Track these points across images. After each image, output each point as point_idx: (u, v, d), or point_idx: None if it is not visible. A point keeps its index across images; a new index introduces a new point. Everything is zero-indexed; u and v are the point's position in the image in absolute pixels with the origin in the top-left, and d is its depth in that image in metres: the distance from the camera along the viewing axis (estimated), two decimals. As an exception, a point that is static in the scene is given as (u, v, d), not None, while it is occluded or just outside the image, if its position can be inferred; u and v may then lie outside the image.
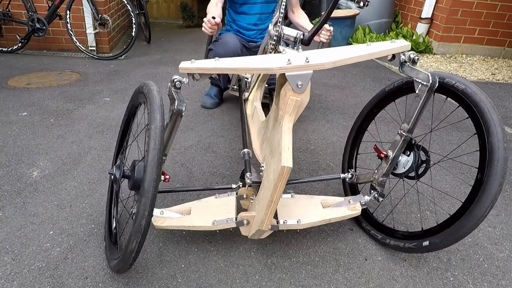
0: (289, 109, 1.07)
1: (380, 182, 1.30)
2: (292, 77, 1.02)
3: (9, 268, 1.20)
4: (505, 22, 4.07)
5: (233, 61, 1.12)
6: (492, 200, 1.02)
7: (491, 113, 1.07)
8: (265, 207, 1.08)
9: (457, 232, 1.08)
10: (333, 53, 1.11)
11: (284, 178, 1.01)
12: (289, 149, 1.02)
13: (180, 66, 1.11)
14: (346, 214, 1.30)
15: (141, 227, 0.94)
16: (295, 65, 1.02)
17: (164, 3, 5.89)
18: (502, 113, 2.69)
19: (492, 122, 1.06)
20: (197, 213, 1.28)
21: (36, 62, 3.35)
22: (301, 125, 2.32)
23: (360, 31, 4.37)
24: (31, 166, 1.75)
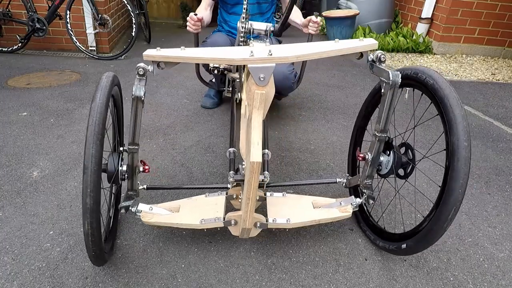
0: (256, 103, 1.07)
1: (366, 185, 1.29)
2: (254, 69, 1.02)
3: (9, 268, 1.20)
4: (505, 22, 4.07)
5: (198, 51, 1.12)
6: (455, 202, 0.98)
7: (453, 110, 1.01)
8: (244, 205, 1.09)
9: (426, 236, 1.06)
10: (299, 47, 1.11)
11: (255, 173, 1.00)
12: (258, 144, 1.02)
13: (145, 53, 1.10)
14: (336, 216, 1.28)
15: (87, 206, 0.93)
16: (258, 57, 1.02)
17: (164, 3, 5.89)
18: (502, 113, 2.69)
19: (453, 119, 1.01)
20: (186, 211, 1.28)
21: (36, 62, 3.35)
22: (301, 125, 2.33)
23: (360, 31, 4.37)
24: (31, 166, 1.75)
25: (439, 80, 1.07)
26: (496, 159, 2.03)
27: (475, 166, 1.94)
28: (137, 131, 1.14)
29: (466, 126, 1.00)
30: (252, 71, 1.03)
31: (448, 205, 0.99)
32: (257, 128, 1.06)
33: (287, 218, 1.24)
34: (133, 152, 1.16)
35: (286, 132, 2.22)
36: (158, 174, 1.76)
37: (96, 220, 0.96)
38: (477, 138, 2.26)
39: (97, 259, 1.05)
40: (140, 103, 1.09)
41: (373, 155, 1.23)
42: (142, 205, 1.27)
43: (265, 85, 1.04)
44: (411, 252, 1.15)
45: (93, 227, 0.95)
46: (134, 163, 1.19)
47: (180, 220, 1.24)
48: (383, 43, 4.27)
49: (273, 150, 2.01)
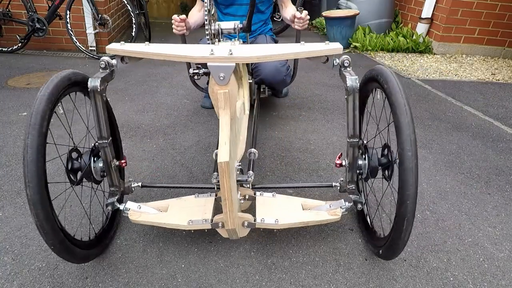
0: (221, 103, 1.07)
1: (350, 190, 1.28)
2: (214, 68, 1.02)
3: (9, 268, 1.20)
4: (505, 22, 4.07)
5: (161, 47, 1.12)
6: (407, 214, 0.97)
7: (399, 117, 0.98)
8: (223, 206, 1.08)
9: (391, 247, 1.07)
10: (262, 48, 1.11)
11: (225, 173, 1.00)
12: (226, 144, 1.02)
13: (108, 47, 1.10)
14: (325, 219, 1.26)
15: (28, 197, 0.91)
16: (218, 56, 1.01)
17: (164, 3, 5.89)
18: (502, 113, 2.69)
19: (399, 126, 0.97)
20: (174, 211, 1.27)
21: (36, 62, 3.35)
22: (301, 125, 2.33)
23: (360, 31, 4.37)
24: (31, 166, 1.75)
25: (392, 84, 1.04)
26: (496, 159, 2.03)
27: (475, 166, 1.94)
28: (102, 125, 1.12)
29: (410, 133, 0.96)
30: (212, 69, 1.02)
31: (400, 217, 0.99)
32: (224, 128, 1.06)
33: (276, 218, 1.23)
34: (104, 147, 1.15)
35: (286, 132, 2.22)
36: (158, 174, 1.76)
37: (43, 211, 0.93)
38: (477, 138, 2.26)
39: (61, 252, 1.00)
40: (98, 95, 1.07)
41: (349, 160, 1.22)
42: (131, 203, 1.27)
43: (226, 84, 1.04)
44: (386, 259, 1.16)
45: (40, 218, 0.93)
46: (108, 158, 1.17)
47: (168, 220, 1.24)
48: (383, 43, 4.27)
49: (273, 150, 2.01)
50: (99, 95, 1.07)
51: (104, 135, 1.14)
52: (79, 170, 1.15)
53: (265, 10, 2.34)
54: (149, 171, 1.78)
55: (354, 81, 1.08)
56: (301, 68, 3.44)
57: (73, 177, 1.14)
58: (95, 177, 1.19)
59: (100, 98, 1.08)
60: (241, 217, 1.21)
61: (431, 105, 2.74)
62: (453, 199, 1.66)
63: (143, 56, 1.10)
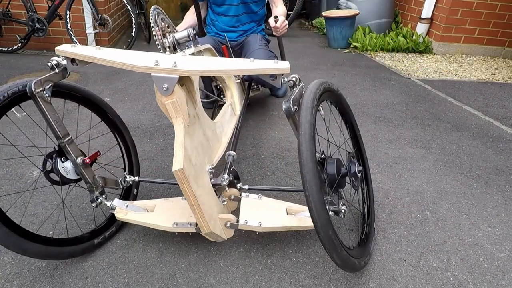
0: (171, 113, 1.06)
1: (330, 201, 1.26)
2: (157, 78, 1.01)
3: (9, 268, 1.20)
4: (505, 22, 4.07)
5: (111, 53, 1.10)
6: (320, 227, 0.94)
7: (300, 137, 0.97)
8: (192, 212, 1.08)
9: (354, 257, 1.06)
10: (209, 62, 1.09)
11: (182, 180, 1.00)
12: (180, 151, 1.01)
13: (58, 48, 1.09)
14: (308, 225, 1.24)
15: None
16: (161, 67, 1.00)
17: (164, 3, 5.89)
18: (502, 113, 2.69)
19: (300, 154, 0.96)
20: (160, 212, 1.27)
21: (36, 62, 3.35)
22: (301, 125, 2.32)
23: (360, 31, 4.37)
24: (31, 166, 1.75)
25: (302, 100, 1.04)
26: (496, 159, 2.03)
27: (475, 166, 1.94)
28: (53, 126, 1.11)
29: (310, 168, 0.92)
30: (155, 80, 1.01)
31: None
32: (178, 135, 1.05)
33: (259, 221, 1.23)
34: (63, 146, 1.14)
35: (286, 132, 2.22)
36: (158, 174, 1.76)
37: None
38: (477, 138, 2.26)
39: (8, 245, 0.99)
40: (36, 98, 1.06)
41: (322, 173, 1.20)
42: (117, 201, 1.27)
43: (171, 94, 1.03)
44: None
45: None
46: (71, 157, 1.16)
47: (153, 221, 1.24)
48: (383, 43, 4.27)
49: (273, 150, 2.01)
50: (37, 97, 1.06)
51: (58, 135, 1.13)
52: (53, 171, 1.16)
53: (258, 11, 2.33)
54: (149, 171, 1.78)
55: (287, 104, 1.05)
56: (301, 68, 3.44)
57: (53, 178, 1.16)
58: (67, 176, 1.19)
59: (40, 100, 1.06)
60: (223, 218, 1.21)
61: (431, 105, 2.74)
62: (453, 199, 1.66)
63: (91, 60, 1.08)
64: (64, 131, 1.14)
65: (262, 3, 2.33)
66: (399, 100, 2.82)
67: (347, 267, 1.01)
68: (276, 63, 1.09)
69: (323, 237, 0.92)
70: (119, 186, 1.36)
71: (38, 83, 1.05)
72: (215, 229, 1.16)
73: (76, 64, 1.12)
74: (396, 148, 2.08)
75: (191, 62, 1.06)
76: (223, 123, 1.67)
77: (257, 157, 1.93)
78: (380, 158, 1.97)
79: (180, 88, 1.06)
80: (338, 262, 0.98)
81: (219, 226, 1.19)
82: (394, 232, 1.44)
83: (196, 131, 1.20)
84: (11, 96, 1.05)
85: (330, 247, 0.94)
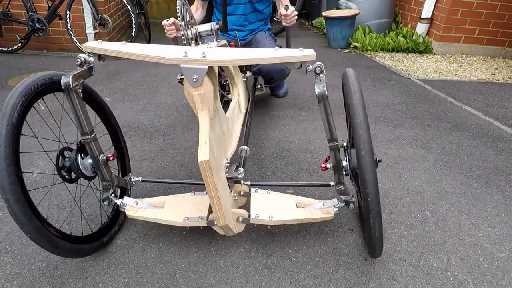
0: (198, 104, 1.08)
1: (339, 190, 1.29)
2: (187, 70, 1.03)
3: (9, 268, 1.20)
4: (505, 22, 4.07)
5: (137, 47, 1.13)
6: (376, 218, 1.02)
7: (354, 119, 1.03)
8: (211, 205, 1.09)
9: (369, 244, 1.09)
10: (235, 52, 1.12)
11: (206, 172, 1.01)
12: (205, 143, 1.03)
13: (85, 45, 1.12)
14: (318, 217, 1.28)
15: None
16: (191, 58, 1.02)
17: (164, 3, 5.89)
18: (502, 113, 2.69)
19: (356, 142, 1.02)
20: (171, 208, 1.29)
21: (36, 62, 3.35)
22: (301, 125, 2.33)
23: (360, 31, 4.37)
24: (31, 166, 1.75)
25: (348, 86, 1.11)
26: (496, 159, 2.03)
27: (475, 166, 1.94)
28: (82, 121, 1.12)
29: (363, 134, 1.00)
30: (185, 71, 1.03)
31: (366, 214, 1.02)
32: (203, 128, 1.07)
33: (270, 214, 1.25)
34: (88, 142, 1.15)
35: (286, 132, 2.22)
36: (158, 174, 1.76)
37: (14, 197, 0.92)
38: (477, 138, 2.26)
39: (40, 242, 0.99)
40: (71, 93, 1.07)
41: (333, 163, 1.24)
42: (128, 199, 1.28)
43: (200, 85, 1.05)
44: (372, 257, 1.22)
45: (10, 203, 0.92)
46: (94, 153, 1.18)
47: (164, 217, 1.25)
48: (383, 43, 4.27)
49: (273, 150, 2.01)
50: (73, 91, 1.07)
51: (86, 131, 1.14)
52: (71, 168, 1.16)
53: (263, 10, 2.33)
54: (149, 171, 1.78)
55: (321, 88, 1.10)
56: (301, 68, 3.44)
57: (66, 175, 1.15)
58: (85, 173, 1.20)
59: (75, 94, 1.08)
60: (235, 212, 1.22)
61: (431, 105, 2.74)
62: (453, 199, 1.66)
63: (119, 55, 1.11)
64: (91, 127, 1.15)
65: (267, 2, 2.34)
66: (399, 100, 2.82)
67: None
68: (301, 50, 1.13)
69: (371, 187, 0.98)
70: (127, 186, 1.36)
71: (74, 78, 1.07)
72: (229, 222, 1.17)
73: (103, 60, 1.14)
74: (396, 148, 2.08)
75: (219, 53, 1.08)
76: (233, 120, 1.69)
77: (257, 157, 1.93)
78: (380, 158, 1.97)
79: (209, 80, 1.08)
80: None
81: (232, 220, 1.21)
82: (394, 232, 1.44)
83: (217, 125, 1.23)
84: (40, 88, 1.06)
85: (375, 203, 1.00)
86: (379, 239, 1.08)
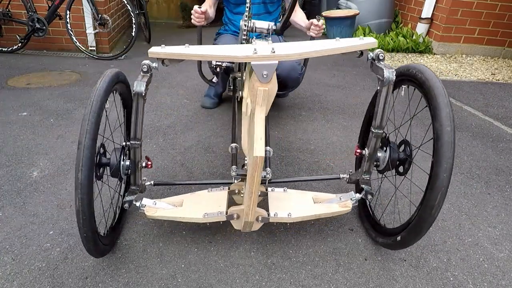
0: (259, 100, 1.09)
1: (364, 180, 1.31)
2: (257, 66, 1.04)
3: (9, 268, 1.20)
4: (505, 22, 4.07)
5: (202, 48, 1.14)
6: (441, 187, 1.00)
7: (437, 98, 1.05)
8: (247, 199, 1.10)
9: (416, 225, 1.08)
10: (301, 45, 1.13)
11: (258, 168, 1.03)
12: (261, 139, 1.04)
13: (150, 50, 1.13)
14: (336, 211, 1.31)
15: (78, 181, 0.93)
16: (261, 55, 1.04)
17: (164, 3, 5.89)
18: (502, 113, 2.69)
19: (437, 107, 1.04)
20: (189, 206, 1.30)
21: (36, 62, 3.35)
22: (301, 125, 2.32)
23: (360, 31, 4.37)
24: (31, 166, 1.75)
25: (426, 72, 1.11)
26: (496, 159, 2.03)
27: (475, 166, 1.94)
28: (139, 127, 1.16)
29: (449, 112, 1.03)
30: (255, 68, 1.04)
31: (434, 191, 1.01)
32: (259, 124, 1.08)
33: (288, 212, 1.26)
34: (135, 147, 1.18)
35: (286, 132, 2.22)
36: (158, 174, 1.76)
37: (88, 198, 0.95)
38: (477, 138, 2.26)
39: (89, 242, 1.02)
40: (141, 99, 1.11)
41: (370, 151, 1.25)
42: (146, 200, 1.29)
43: (268, 82, 1.06)
44: (406, 244, 1.16)
45: (84, 203, 0.95)
46: (136, 158, 1.20)
47: (183, 214, 1.26)
48: (383, 43, 4.27)
49: (273, 150, 2.01)
50: (142, 99, 1.12)
51: (138, 136, 1.18)
52: (105, 165, 1.17)
53: (273, 11, 2.35)
54: (149, 171, 1.78)
55: (391, 73, 1.12)
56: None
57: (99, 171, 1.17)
58: (121, 175, 1.22)
59: (142, 101, 1.13)
60: (256, 211, 1.23)
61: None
62: (453, 199, 1.66)
63: (186, 58, 1.12)
64: (141, 133, 1.18)
65: (278, 4, 2.35)
66: (398, 100, 2.82)
67: None
68: (362, 39, 1.15)
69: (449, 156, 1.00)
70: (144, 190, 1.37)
71: (146, 85, 1.11)
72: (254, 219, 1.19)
73: (166, 65, 1.16)
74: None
75: (287, 47, 1.10)
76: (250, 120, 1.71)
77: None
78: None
79: (275, 78, 1.09)
80: None
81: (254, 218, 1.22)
82: (394, 232, 1.44)
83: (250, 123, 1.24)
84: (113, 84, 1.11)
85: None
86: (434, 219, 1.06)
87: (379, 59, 1.15)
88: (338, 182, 1.74)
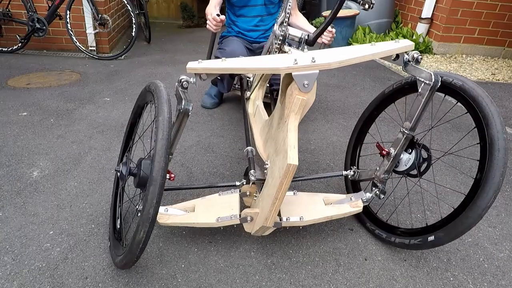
0: (295, 108, 1.09)
1: (382, 179, 1.31)
2: (298, 76, 1.04)
3: (9, 268, 1.20)
4: (505, 22, 4.07)
5: (240, 61, 1.14)
6: (495, 189, 1.03)
7: (489, 106, 1.08)
8: (270, 204, 1.10)
9: (461, 224, 1.08)
10: (338, 53, 1.12)
11: (289, 175, 1.03)
12: (295, 147, 1.04)
13: (188, 66, 1.14)
14: (348, 211, 1.31)
15: (149, 216, 0.94)
16: (302, 65, 1.03)
17: (164, 3, 5.89)
18: (502, 113, 2.69)
19: (490, 115, 1.08)
20: (201, 210, 1.30)
21: (36, 62, 3.35)
22: (301, 125, 2.32)
23: (360, 31, 4.37)
24: (31, 166, 1.75)
25: (468, 81, 1.14)
26: (496, 159, 2.03)
27: (475, 166, 1.94)
28: (176, 142, 1.18)
29: (502, 120, 1.08)
30: (296, 78, 1.04)
31: (489, 192, 1.03)
32: (293, 131, 1.08)
33: (300, 216, 1.26)
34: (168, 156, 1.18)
35: (286, 132, 2.22)
36: (158, 174, 1.76)
37: (150, 230, 0.97)
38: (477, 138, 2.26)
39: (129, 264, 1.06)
40: (186, 117, 1.13)
41: (397, 151, 1.25)
42: None
43: (308, 92, 1.06)
44: (439, 244, 1.16)
45: (147, 236, 0.97)
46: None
47: (196, 220, 1.26)
48: (383, 43, 4.27)
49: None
50: (186, 116, 1.13)
51: (172, 151, 1.21)
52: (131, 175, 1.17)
53: (274, 13, 2.37)
54: (149, 171, 1.78)
55: (437, 75, 1.12)
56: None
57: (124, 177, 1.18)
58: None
59: (186, 118, 1.14)
60: None
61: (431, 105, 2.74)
62: (453, 199, 1.66)
63: (224, 72, 1.12)
64: (174, 149, 1.21)
65: (278, 5, 2.36)
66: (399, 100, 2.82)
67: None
68: (397, 42, 1.15)
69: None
70: None
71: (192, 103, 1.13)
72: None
73: (204, 79, 1.16)
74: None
75: (326, 56, 1.09)
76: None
77: (257, 157, 1.93)
78: (380, 158, 1.97)
79: (315, 89, 1.10)
80: None
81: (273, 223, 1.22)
82: (394, 232, 1.43)
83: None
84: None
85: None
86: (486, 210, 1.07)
87: (417, 61, 1.15)
88: (338, 182, 1.74)
